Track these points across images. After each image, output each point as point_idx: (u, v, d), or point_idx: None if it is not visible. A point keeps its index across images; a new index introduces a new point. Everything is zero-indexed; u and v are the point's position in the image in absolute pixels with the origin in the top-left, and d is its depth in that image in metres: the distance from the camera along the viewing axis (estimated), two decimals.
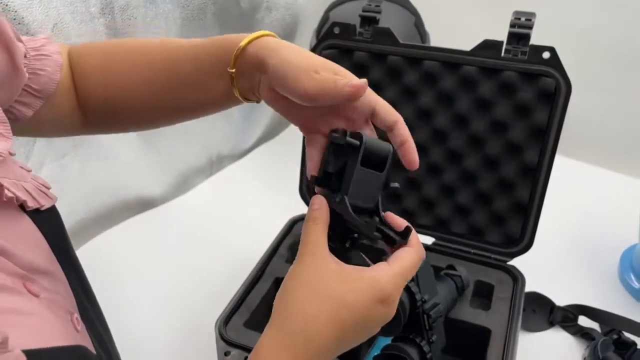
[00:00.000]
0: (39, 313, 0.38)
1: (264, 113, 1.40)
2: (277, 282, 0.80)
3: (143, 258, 1.02)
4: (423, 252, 0.49)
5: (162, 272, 0.98)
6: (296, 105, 0.49)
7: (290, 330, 0.44)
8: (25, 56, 0.54)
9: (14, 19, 0.72)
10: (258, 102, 0.56)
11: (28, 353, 0.32)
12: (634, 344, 0.78)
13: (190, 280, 0.97)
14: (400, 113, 0.82)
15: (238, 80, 0.53)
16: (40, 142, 0.85)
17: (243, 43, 0.51)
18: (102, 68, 0.59)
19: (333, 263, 0.46)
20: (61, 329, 0.39)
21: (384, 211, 0.51)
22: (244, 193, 1.21)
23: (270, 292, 0.78)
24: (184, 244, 1.06)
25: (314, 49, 0.85)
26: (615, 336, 0.80)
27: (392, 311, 0.47)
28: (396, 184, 0.50)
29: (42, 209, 0.46)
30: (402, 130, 0.51)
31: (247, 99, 0.55)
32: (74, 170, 0.95)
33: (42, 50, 0.57)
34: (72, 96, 0.60)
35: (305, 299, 0.45)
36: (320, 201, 0.49)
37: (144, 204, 1.15)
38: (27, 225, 0.44)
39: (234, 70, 0.52)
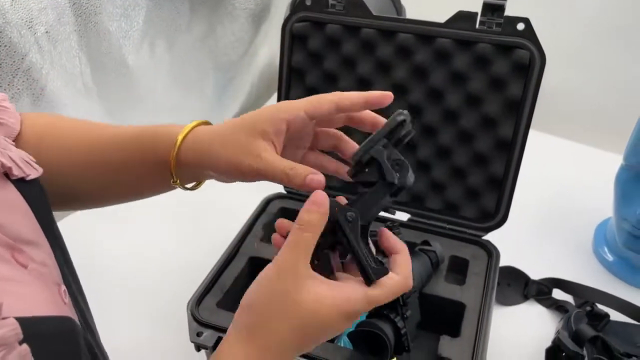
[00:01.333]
0: (28, 282, 0.38)
1: (240, 89, 1.38)
2: (251, 262, 0.79)
3: (115, 239, 1.00)
4: (410, 283, 0.48)
5: (136, 253, 0.97)
6: None
7: (259, 346, 0.44)
8: None
9: None
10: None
11: (21, 321, 0.32)
12: (607, 315, 0.79)
13: (164, 260, 0.95)
14: (375, 88, 0.82)
15: (178, 174, 0.52)
16: None
17: (177, 143, 0.50)
18: (35, 146, 0.55)
19: (311, 284, 0.45)
20: (50, 300, 0.39)
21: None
22: None
23: (244, 272, 0.77)
24: (157, 224, 1.04)
25: (286, 23, 0.82)
26: (588, 308, 0.81)
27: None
28: (395, 219, 0.51)
29: (28, 178, 0.45)
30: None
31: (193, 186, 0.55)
32: None
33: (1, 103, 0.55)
34: None
35: (277, 317, 0.44)
36: (321, 201, 0.46)
37: None
38: (13, 194, 0.44)
39: (177, 181, 0.52)
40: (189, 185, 0.55)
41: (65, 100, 0.91)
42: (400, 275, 0.48)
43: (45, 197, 0.48)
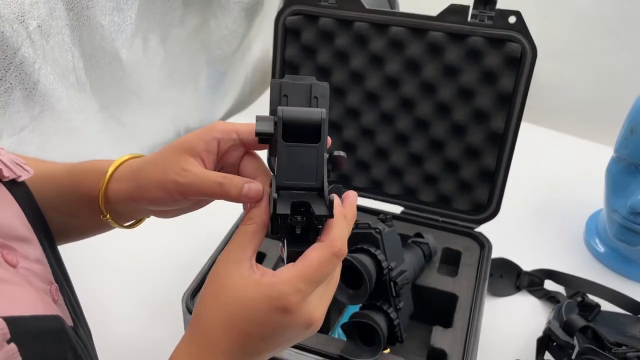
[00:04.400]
0: (15, 282, 0.38)
1: (234, 83, 1.38)
2: None
3: (110, 233, 0.99)
4: (339, 247, 0.40)
5: (130, 247, 0.97)
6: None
7: (196, 335, 0.42)
8: None
9: None
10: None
11: (8, 320, 0.32)
12: (598, 305, 0.79)
13: (158, 254, 0.96)
14: (368, 82, 0.82)
15: (110, 210, 0.50)
16: None
17: (107, 175, 0.48)
18: None
19: (244, 269, 0.41)
20: (39, 299, 0.39)
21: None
22: None
23: None
24: (151, 218, 1.04)
25: (278, 16, 0.83)
26: (579, 299, 0.81)
27: (302, 320, 0.40)
28: (341, 153, 0.43)
29: (19, 180, 0.45)
30: None
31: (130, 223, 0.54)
32: (33, 145, 0.92)
33: None
34: None
35: (210, 307, 0.42)
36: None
37: None
38: (4, 194, 0.44)
39: (108, 216, 0.50)
40: (126, 224, 0.54)
41: (58, 94, 0.91)
42: (325, 242, 0.40)
43: (34, 199, 0.48)
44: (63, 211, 0.52)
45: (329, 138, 0.43)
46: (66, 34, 0.89)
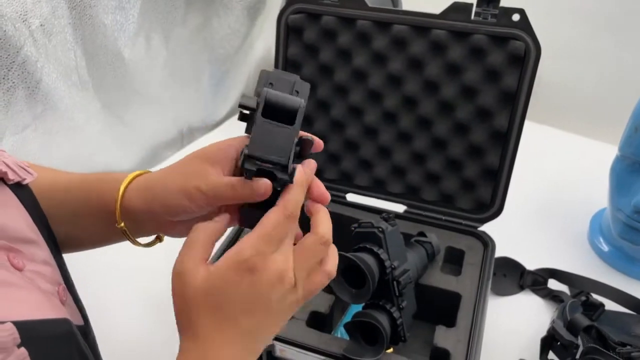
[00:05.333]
0: (22, 286, 0.38)
1: (236, 82, 1.38)
2: None
3: None
4: (291, 209, 0.43)
5: (132, 247, 0.97)
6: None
7: (191, 342, 0.42)
8: None
9: None
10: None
11: (18, 325, 0.33)
12: (602, 305, 0.79)
13: (160, 254, 0.95)
14: (370, 80, 0.82)
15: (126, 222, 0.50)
16: None
17: (125, 182, 0.49)
18: None
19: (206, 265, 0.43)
20: (47, 302, 0.39)
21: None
22: None
23: None
24: None
25: (281, 15, 0.82)
26: (583, 298, 0.81)
27: (272, 275, 0.42)
28: (309, 137, 0.46)
29: (24, 182, 0.46)
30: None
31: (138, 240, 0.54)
32: (36, 144, 0.92)
33: None
34: None
35: (188, 305, 0.43)
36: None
37: None
38: (9, 197, 0.44)
39: (122, 225, 0.50)
40: (142, 242, 0.54)
41: (60, 93, 0.91)
42: (279, 205, 0.43)
43: (38, 201, 0.49)
44: (65, 221, 0.52)
45: (302, 133, 0.46)
46: (69, 33, 0.89)
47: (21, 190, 0.46)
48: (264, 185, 0.43)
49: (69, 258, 0.53)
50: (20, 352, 0.33)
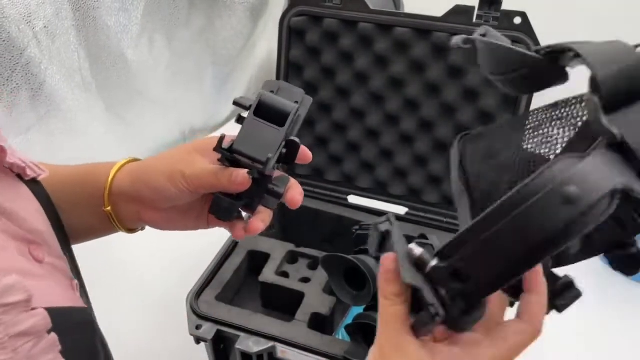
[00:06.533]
0: (43, 277, 0.39)
1: (239, 83, 1.38)
2: (250, 255, 0.79)
3: (114, 238, 1.00)
4: (541, 328, 0.36)
5: (136, 247, 0.97)
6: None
7: None
8: None
9: None
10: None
11: (49, 310, 0.34)
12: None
13: (164, 254, 0.96)
14: (372, 83, 0.82)
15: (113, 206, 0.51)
16: (0, 114, 0.82)
17: (116, 168, 0.50)
18: None
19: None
20: (65, 293, 0.41)
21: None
22: None
23: (243, 265, 0.78)
24: None
25: (283, 17, 0.83)
26: None
27: None
28: (296, 139, 0.46)
29: (39, 178, 0.47)
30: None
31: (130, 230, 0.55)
32: (40, 145, 0.92)
33: None
34: None
35: None
36: (390, 266, 0.37)
37: None
38: (26, 193, 0.45)
39: (109, 209, 0.51)
40: (125, 226, 0.54)
41: (64, 95, 0.91)
42: (527, 320, 0.36)
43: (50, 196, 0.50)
44: (64, 210, 0.52)
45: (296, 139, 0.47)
46: (72, 35, 0.90)
47: (36, 185, 0.47)
48: (242, 175, 0.44)
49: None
50: (51, 337, 0.34)
